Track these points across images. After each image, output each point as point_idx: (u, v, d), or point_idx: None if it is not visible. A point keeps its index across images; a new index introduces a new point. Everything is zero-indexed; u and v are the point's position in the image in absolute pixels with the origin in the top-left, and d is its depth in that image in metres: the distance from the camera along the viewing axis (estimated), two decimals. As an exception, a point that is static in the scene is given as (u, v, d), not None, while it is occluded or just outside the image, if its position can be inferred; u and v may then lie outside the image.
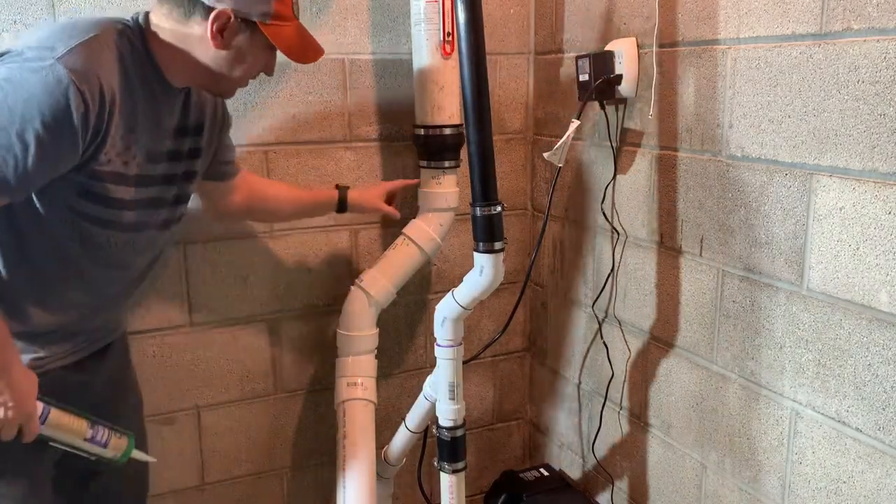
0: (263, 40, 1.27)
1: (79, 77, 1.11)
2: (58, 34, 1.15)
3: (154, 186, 1.33)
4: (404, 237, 1.89)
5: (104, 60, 1.17)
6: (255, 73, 1.34)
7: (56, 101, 1.10)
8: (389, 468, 2.03)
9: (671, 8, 1.60)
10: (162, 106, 1.31)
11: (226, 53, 1.26)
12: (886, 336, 1.23)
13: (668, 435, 1.77)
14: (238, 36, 1.25)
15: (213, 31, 1.23)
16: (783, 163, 1.38)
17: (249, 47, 1.27)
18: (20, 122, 1.08)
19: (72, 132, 1.13)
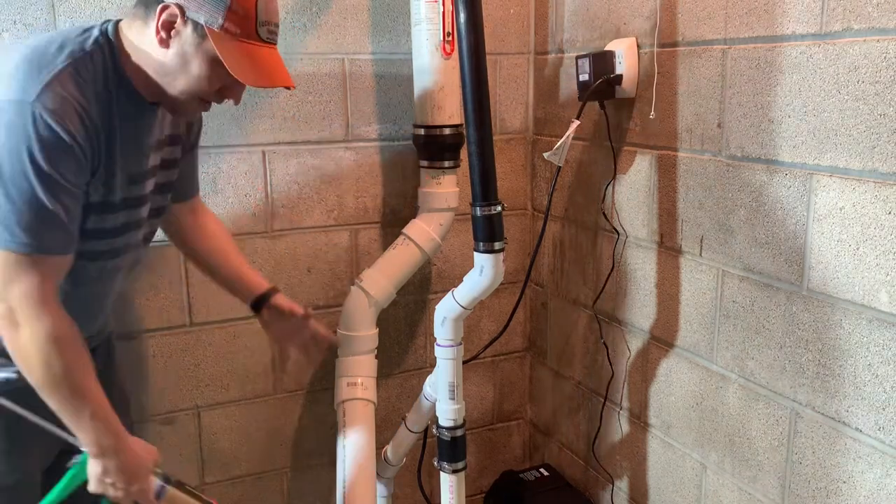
0: (210, 49, 1.14)
1: (60, 114, 1.08)
2: (26, 70, 1.10)
3: (137, 208, 1.31)
4: (404, 237, 1.89)
5: (78, 90, 1.12)
6: (206, 90, 1.20)
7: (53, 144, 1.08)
8: (389, 468, 2.03)
9: (671, 8, 1.60)
10: (140, 124, 1.25)
11: (170, 55, 1.16)
12: (886, 336, 1.23)
13: (668, 435, 1.77)
14: (182, 36, 1.15)
15: (158, 25, 1.14)
16: (783, 163, 1.38)
17: (193, 52, 1.15)
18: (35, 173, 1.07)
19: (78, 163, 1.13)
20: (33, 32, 1.63)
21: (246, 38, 1.16)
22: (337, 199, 1.98)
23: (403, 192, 2.05)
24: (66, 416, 1.17)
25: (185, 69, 1.17)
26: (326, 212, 1.98)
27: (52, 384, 1.15)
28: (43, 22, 1.63)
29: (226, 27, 1.13)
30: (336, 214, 1.99)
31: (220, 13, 1.13)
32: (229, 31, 1.14)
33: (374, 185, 2.02)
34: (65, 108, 1.09)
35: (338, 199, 1.98)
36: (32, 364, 1.14)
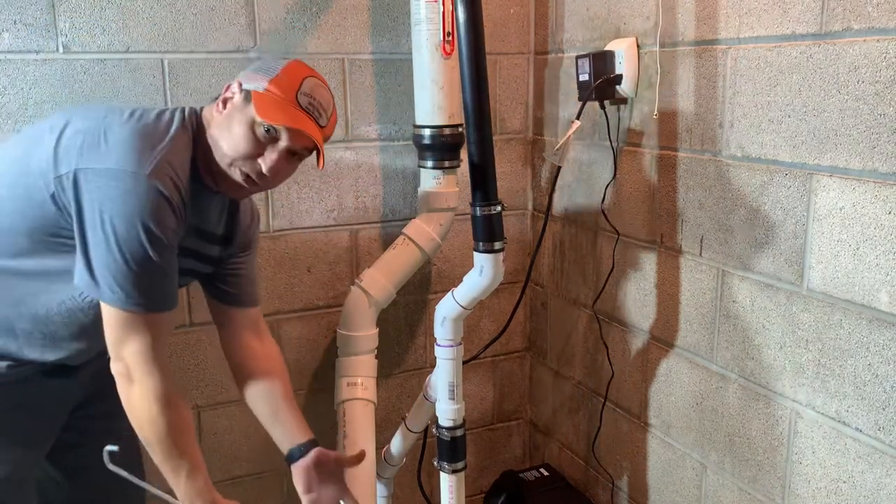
0: (251, 111, 1.24)
1: (170, 185, 1.18)
2: (141, 144, 1.19)
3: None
4: (404, 237, 1.89)
5: (178, 168, 1.22)
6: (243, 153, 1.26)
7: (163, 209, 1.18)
8: (389, 468, 2.03)
9: (671, 8, 1.60)
10: (198, 205, 1.31)
11: (219, 119, 1.27)
12: (886, 336, 1.23)
13: (668, 435, 1.77)
14: (233, 101, 1.27)
15: (220, 101, 1.28)
16: (783, 163, 1.38)
17: (237, 116, 1.26)
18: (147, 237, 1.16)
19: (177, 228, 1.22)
20: (33, 32, 1.63)
21: (284, 98, 1.26)
22: (337, 199, 1.98)
23: (403, 192, 2.05)
24: (165, 470, 1.27)
25: (228, 130, 1.26)
26: (326, 212, 1.98)
27: (156, 439, 1.25)
28: (43, 22, 1.63)
29: (268, 89, 1.25)
30: (336, 214, 1.99)
31: (265, 80, 1.26)
32: (269, 92, 1.25)
33: (374, 185, 2.02)
34: (171, 182, 1.19)
35: (338, 199, 1.98)
36: (142, 419, 1.24)
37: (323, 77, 1.34)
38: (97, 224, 1.15)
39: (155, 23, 1.72)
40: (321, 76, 1.33)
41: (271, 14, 1.82)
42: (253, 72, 1.29)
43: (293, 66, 1.30)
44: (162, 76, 1.75)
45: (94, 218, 1.15)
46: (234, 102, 1.27)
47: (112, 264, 1.16)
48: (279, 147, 1.26)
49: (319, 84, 1.31)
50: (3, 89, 1.64)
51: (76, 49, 1.67)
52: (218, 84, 1.79)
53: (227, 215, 1.42)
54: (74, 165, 1.16)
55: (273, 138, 1.25)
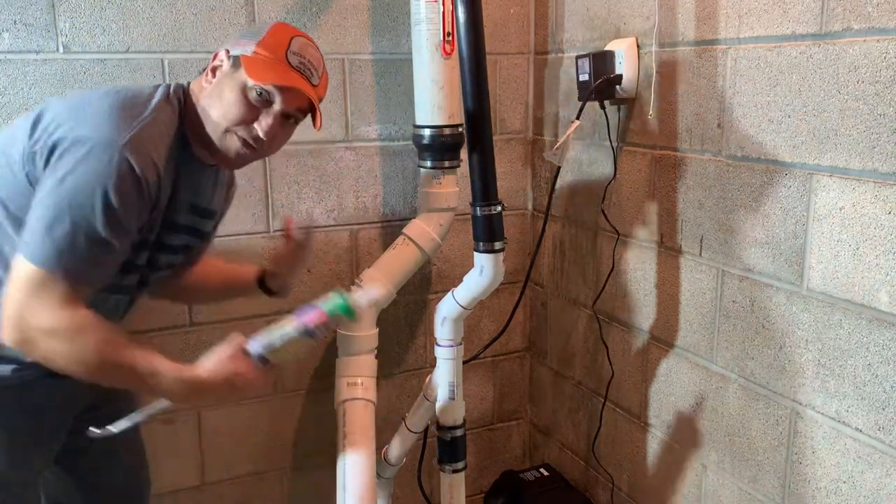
0: (241, 75, 1.23)
1: (142, 161, 1.14)
2: (119, 116, 1.16)
3: (165, 254, 1.34)
4: (404, 237, 1.89)
5: (159, 141, 1.20)
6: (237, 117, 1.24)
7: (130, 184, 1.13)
8: (389, 468, 2.03)
9: (671, 8, 1.60)
10: (190, 180, 1.30)
11: (209, 89, 1.26)
12: (886, 336, 1.23)
13: (668, 435, 1.77)
14: (222, 70, 1.25)
15: (208, 70, 1.27)
16: (783, 163, 1.38)
17: (227, 82, 1.24)
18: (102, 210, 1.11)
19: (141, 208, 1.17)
20: (33, 32, 1.63)
21: (274, 59, 1.24)
22: (337, 199, 1.98)
23: (403, 192, 2.05)
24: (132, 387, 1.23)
25: (219, 98, 1.24)
26: (326, 212, 1.98)
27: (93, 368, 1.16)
28: (43, 22, 1.63)
29: (256, 51, 1.24)
30: (336, 214, 1.99)
31: (252, 43, 1.24)
32: (258, 55, 1.24)
33: (374, 185, 2.02)
34: (145, 157, 1.15)
35: (338, 199, 1.98)
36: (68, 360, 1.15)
37: (311, 37, 1.32)
38: (56, 183, 1.11)
39: (155, 23, 1.72)
40: (309, 36, 1.31)
41: (271, 14, 1.82)
42: (239, 37, 1.28)
43: (279, 27, 1.29)
44: (162, 76, 1.75)
45: (54, 178, 1.11)
46: (222, 70, 1.25)
47: (53, 221, 1.10)
48: (274, 110, 1.24)
49: (307, 43, 1.29)
50: (3, 89, 1.64)
51: (76, 49, 1.67)
52: (218, 84, 1.80)
53: (218, 189, 1.41)
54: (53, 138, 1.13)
55: (266, 101, 1.23)
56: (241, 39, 1.27)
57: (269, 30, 1.27)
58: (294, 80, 1.24)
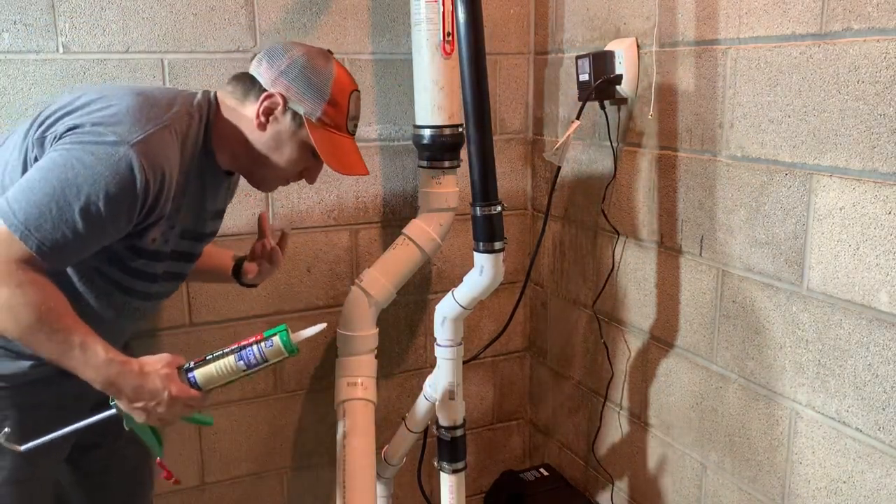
0: (304, 136, 1.28)
1: (148, 165, 1.14)
2: (135, 114, 1.16)
3: (183, 262, 1.37)
4: (404, 237, 1.89)
5: (171, 149, 1.19)
6: (291, 171, 1.33)
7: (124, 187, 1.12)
8: (389, 468, 2.03)
9: (671, 8, 1.60)
10: (209, 190, 1.33)
11: (265, 137, 1.28)
12: (886, 336, 1.23)
13: (668, 435, 1.77)
14: (281, 123, 1.27)
15: (260, 111, 1.26)
16: (783, 163, 1.38)
17: (288, 138, 1.29)
18: (86, 199, 1.10)
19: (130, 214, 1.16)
20: (33, 32, 1.63)
21: (335, 129, 1.30)
22: (337, 199, 1.98)
23: (403, 192, 2.05)
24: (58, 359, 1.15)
25: (277, 151, 1.30)
26: (326, 212, 1.98)
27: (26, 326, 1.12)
28: (43, 22, 1.63)
29: (322, 119, 1.28)
30: (336, 214, 1.99)
31: (319, 106, 1.28)
32: (324, 122, 1.28)
33: (374, 185, 2.02)
34: (152, 163, 1.15)
35: (338, 199, 1.98)
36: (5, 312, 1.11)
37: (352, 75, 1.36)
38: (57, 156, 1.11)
39: (155, 23, 1.72)
40: (351, 76, 1.36)
41: (271, 14, 1.82)
42: (296, 84, 1.27)
43: (340, 82, 1.30)
44: (162, 76, 1.75)
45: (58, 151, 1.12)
46: (280, 122, 1.27)
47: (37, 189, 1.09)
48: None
49: (359, 94, 1.36)
50: (3, 89, 1.64)
51: (76, 49, 1.67)
52: (218, 84, 1.79)
53: (231, 188, 1.46)
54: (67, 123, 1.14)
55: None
56: (303, 90, 1.27)
57: (333, 84, 1.29)
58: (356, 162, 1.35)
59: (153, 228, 1.23)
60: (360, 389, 1.84)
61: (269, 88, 1.27)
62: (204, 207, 1.34)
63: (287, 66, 1.27)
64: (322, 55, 1.31)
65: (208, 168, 1.30)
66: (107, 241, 1.19)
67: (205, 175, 1.30)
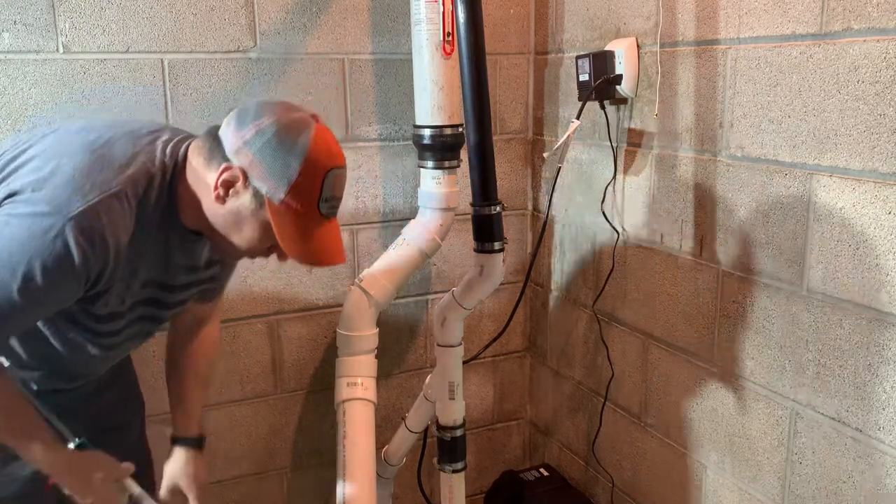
0: (266, 216, 1.12)
1: (86, 240, 1.06)
2: (79, 179, 1.07)
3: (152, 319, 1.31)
4: (404, 237, 1.89)
5: (118, 217, 1.10)
6: (256, 249, 1.20)
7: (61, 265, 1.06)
8: (389, 468, 2.03)
9: (671, 8, 1.60)
10: (174, 249, 1.23)
11: (224, 211, 1.14)
12: (886, 336, 1.23)
13: (668, 435, 1.77)
14: (241, 198, 1.12)
15: (217, 182, 1.12)
16: (783, 163, 1.38)
17: (249, 216, 1.14)
18: (22, 279, 1.05)
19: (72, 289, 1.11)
20: (33, 32, 1.63)
21: (305, 213, 1.13)
22: (337, 199, 1.98)
23: (403, 192, 2.05)
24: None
25: (237, 228, 1.16)
26: (326, 212, 1.98)
27: None
28: (43, 22, 1.63)
29: (286, 201, 1.11)
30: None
31: (283, 188, 1.10)
32: (289, 206, 1.11)
33: (374, 185, 2.02)
34: (93, 237, 1.07)
35: (338, 199, 1.98)
36: None
37: (340, 148, 1.18)
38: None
39: (155, 23, 1.72)
40: (340, 150, 1.17)
41: (271, 14, 1.82)
42: (259, 158, 1.10)
43: (313, 160, 1.11)
44: (162, 76, 1.75)
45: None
46: (240, 196, 1.12)
47: None
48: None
49: (341, 172, 1.16)
50: (3, 89, 1.64)
51: (76, 49, 1.67)
52: (218, 84, 1.80)
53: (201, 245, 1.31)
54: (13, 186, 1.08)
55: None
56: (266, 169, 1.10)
57: (302, 165, 1.10)
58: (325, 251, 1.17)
59: (104, 295, 1.16)
60: (360, 389, 1.84)
61: (230, 158, 1.11)
62: (170, 263, 1.24)
63: (252, 135, 1.11)
64: (295, 126, 1.12)
65: (173, 228, 1.19)
66: (52, 312, 1.14)
67: (169, 235, 1.20)
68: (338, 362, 1.89)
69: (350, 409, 1.82)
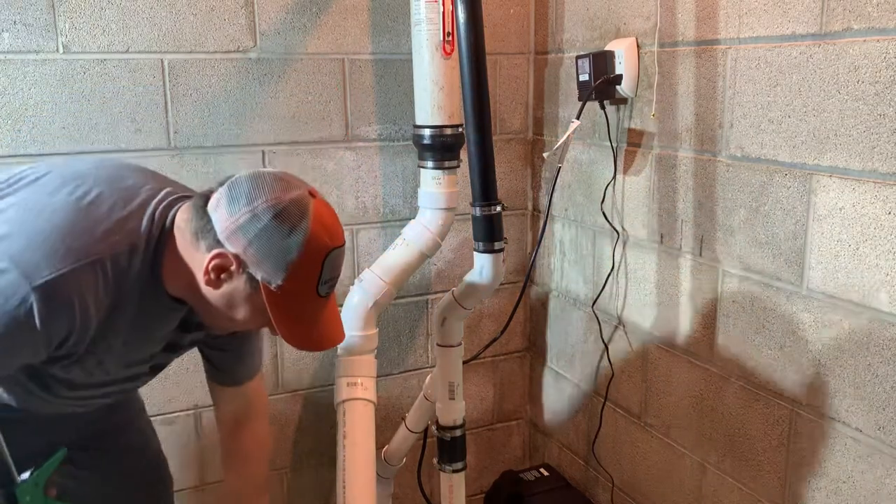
0: (261, 302, 1.06)
1: (49, 311, 1.00)
2: (54, 243, 1.02)
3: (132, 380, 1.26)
4: (404, 237, 1.89)
5: (89, 289, 1.03)
6: (251, 327, 1.17)
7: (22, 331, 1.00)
8: (389, 468, 2.03)
9: (671, 8, 1.60)
10: (155, 320, 1.16)
11: (216, 295, 1.09)
12: (886, 336, 1.23)
13: (667, 435, 1.77)
14: (235, 282, 1.07)
15: (208, 267, 1.05)
16: (783, 163, 1.38)
17: (243, 300, 1.09)
18: None
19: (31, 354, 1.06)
20: (33, 32, 1.63)
21: (303, 295, 1.08)
22: (337, 199, 1.98)
23: (403, 192, 2.05)
24: None
25: (230, 311, 1.11)
26: (326, 212, 1.98)
27: None
28: (43, 22, 1.63)
29: (284, 287, 1.05)
30: (336, 214, 1.99)
31: (280, 275, 1.04)
32: (286, 291, 1.05)
33: (374, 185, 2.02)
34: (59, 308, 1.01)
35: (338, 199, 1.98)
36: None
37: (340, 224, 1.13)
38: None
39: (155, 23, 1.72)
40: (340, 228, 1.12)
41: (271, 14, 1.82)
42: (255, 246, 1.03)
43: (313, 243, 1.05)
44: (162, 76, 1.75)
45: None
46: (233, 280, 1.06)
47: None
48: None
49: (340, 252, 1.10)
50: (3, 89, 1.64)
51: (76, 49, 1.67)
52: (218, 84, 1.80)
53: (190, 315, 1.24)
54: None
55: None
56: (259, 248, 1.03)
57: (302, 249, 1.04)
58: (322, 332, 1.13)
59: (71, 366, 1.11)
60: (360, 389, 1.84)
61: (223, 242, 1.04)
62: (147, 335, 1.18)
63: (247, 220, 1.03)
64: (294, 208, 1.06)
65: (154, 299, 1.12)
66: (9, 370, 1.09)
67: (149, 308, 1.13)
68: (338, 362, 1.89)
69: (350, 409, 1.82)
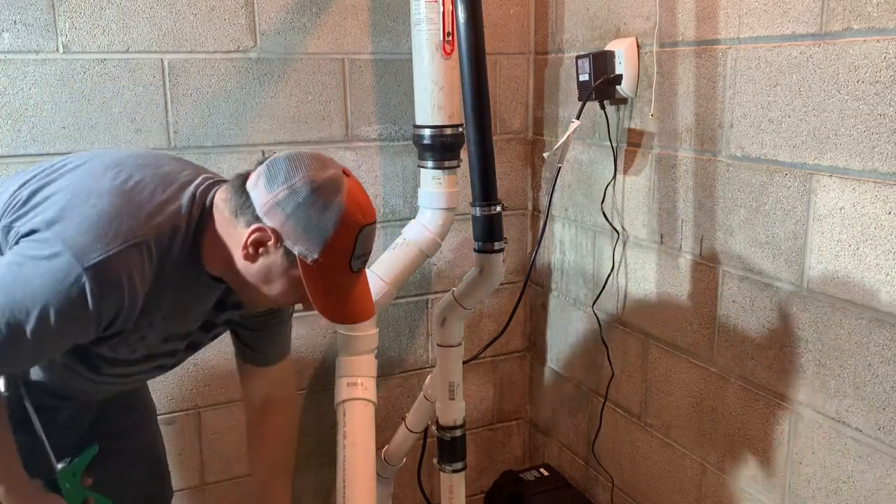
0: (297, 275, 1.11)
1: (100, 291, 1.05)
2: (103, 226, 1.06)
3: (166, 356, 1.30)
4: (404, 237, 1.89)
5: (137, 269, 1.08)
6: (283, 302, 1.23)
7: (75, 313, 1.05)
8: (389, 468, 2.03)
9: (671, 8, 1.60)
10: (194, 298, 1.22)
11: (254, 269, 1.13)
12: (886, 336, 1.23)
13: (667, 435, 1.77)
14: (272, 256, 1.11)
15: (247, 242, 1.10)
16: (783, 163, 1.38)
17: (280, 274, 1.13)
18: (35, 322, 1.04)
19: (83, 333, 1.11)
20: (33, 32, 1.63)
21: (337, 270, 1.13)
22: (337, 199, 1.98)
23: (403, 191, 2.05)
24: None
25: (266, 285, 1.15)
26: (326, 212, 1.98)
27: None
28: (43, 22, 1.63)
29: (320, 261, 1.09)
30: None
31: (317, 248, 1.09)
32: (322, 264, 1.10)
33: (374, 185, 2.02)
34: (110, 286, 1.06)
35: (338, 199, 1.98)
36: None
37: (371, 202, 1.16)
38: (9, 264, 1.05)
39: (155, 23, 1.72)
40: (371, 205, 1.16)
41: (271, 14, 1.82)
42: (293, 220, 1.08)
43: (348, 219, 1.09)
44: (162, 76, 1.75)
45: (13, 258, 1.06)
46: (270, 254, 1.11)
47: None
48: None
49: (372, 228, 1.15)
50: (3, 89, 1.64)
51: (76, 49, 1.67)
52: (218, 84, 1.80)
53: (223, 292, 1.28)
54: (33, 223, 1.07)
55: None
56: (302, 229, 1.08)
57: (337, 224, 1.08)
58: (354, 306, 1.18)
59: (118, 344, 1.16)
60: (360, 389, 1.84)
61: (261, 217, 1.09)
62: (188, 314, 1.24)
63: (285, 196, 1.08)
64: (329, 185, 1.09)
65: (193, 278, 1.17)
66: (61, 352, 1.14)
67: (189, 286, 1.18)
68: (338, 362, 1.89)
69: (350, 409, 1.82)
